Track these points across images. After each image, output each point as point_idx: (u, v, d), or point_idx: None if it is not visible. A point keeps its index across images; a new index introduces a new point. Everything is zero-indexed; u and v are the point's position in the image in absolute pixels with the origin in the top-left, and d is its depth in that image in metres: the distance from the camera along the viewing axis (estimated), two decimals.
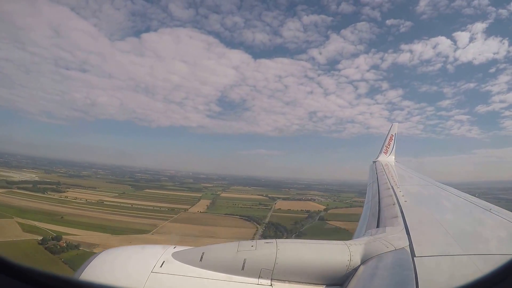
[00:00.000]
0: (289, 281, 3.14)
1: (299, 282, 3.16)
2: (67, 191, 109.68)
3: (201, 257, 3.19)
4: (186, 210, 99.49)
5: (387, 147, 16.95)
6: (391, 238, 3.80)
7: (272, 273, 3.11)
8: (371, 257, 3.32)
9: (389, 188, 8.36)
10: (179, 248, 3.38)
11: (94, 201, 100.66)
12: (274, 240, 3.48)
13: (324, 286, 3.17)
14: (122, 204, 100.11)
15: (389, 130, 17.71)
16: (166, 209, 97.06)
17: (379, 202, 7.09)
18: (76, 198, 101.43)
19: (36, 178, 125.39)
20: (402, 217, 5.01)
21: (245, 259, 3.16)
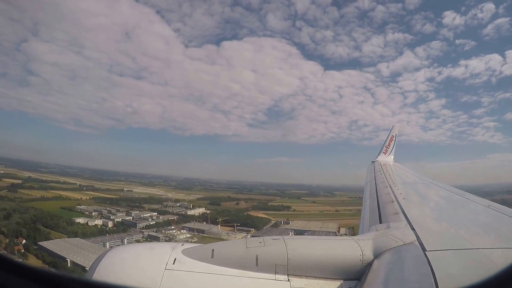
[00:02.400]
0: (306, 276, 3.15)
1: (316, 277, 3.16)
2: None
3: (212, 254, 3.19)
4: None
5: (387, 147, 17.07)
6: (398, 233, 3.83)
7: (288, 269, 3.12)
8: (383, 252, 3.34)
9: (387, 187, 8.46)
10: (187, 246, 3.38)
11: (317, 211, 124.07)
12: (281, 236, 3.50)
13: (341, 281, 3.19)
14: (338, 212, 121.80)
15: (390, 131, 17.84)
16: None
17: (377, 199, 7.17)
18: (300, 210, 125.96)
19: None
20: (403, 213, 5.07)
21: (257, 255, 3.17)
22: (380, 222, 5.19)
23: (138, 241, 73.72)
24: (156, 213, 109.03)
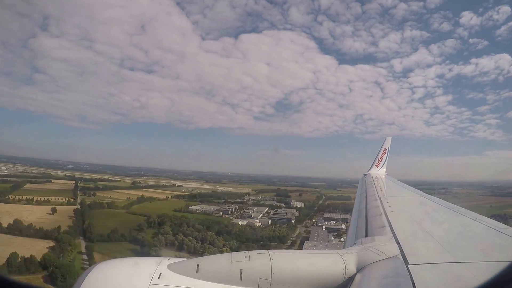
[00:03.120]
0: None
1: None
2: None
3: (197, 268, 3.20)
4: None
5: (379, 160, 17.18)
6: (382, 247, 3.88)
7: (271, 283, 3.14)
8: (366, 265, 3.38)
9: (377, 200, 8.53)
10: (173, 260, 3.38)
11: None
12: (266, 251, 3.52)
13: None
14: None
15: (383, 144, 17.94)
16: None
17: (366, 212, 7.21)
18: None
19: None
20: (390, 226, 5.13)
21: (241, 270, 3.19)
22: (367, 235, 5.24)
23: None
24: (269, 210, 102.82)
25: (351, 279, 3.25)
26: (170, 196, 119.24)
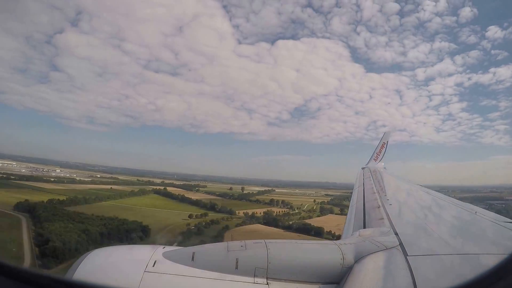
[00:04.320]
0: (285, 280, 3.13)
1: (295, 281, 3.15)
2: None
3: (193, 257, 3.16)
4: None
5: (378, 154, 17.18)
6: (380, 238, 3.86)
7: (267, 272, 3.10)
8: (364, 256, 3.35)
9: (375, 193, 8.53)
10: (168, 248, 3.35)
11: None
12: (263, 240, 3.48)
13: (319, 285, 3.18)
14: None
15: (382, 138, 17.91)
16: None
17: (364, 204, 7.20)
18: None
19: None
20: (388, 218, 5.11)
21: (237, 259, 3.15)
22: (365, 227, 5.22)
23: None
24: None
25: (349, 269, 3.21)
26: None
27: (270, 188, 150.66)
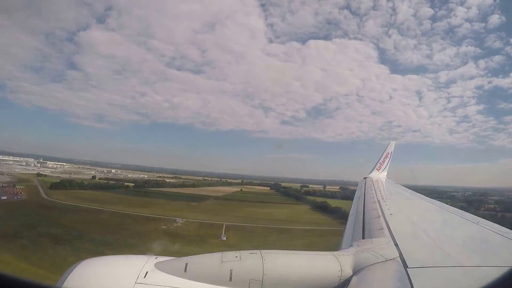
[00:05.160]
0: None
1: None
2: None
3: (185, 268, 3.09)
4: None
5: (381, 164, 16.98)
6: (380, 249, 3.75)
7: (262, 284, 3.01)
8: (363, 268, 3.26)
9: (375, 202, 8.36)
10: (161, 259, 3.29)
11: None
12: (259, 250, 3.40)
13: None
14: None
15: (386, 148, 17.74)
16: None
17: (363, 214, 7.06)
18: None
19: None
20: (388, 229, 4.99)
21: (231, 270, 3.07)
22: (364, 238, 5.10)
23: None
24: None
25: (347, 281, 3.12)
26: None
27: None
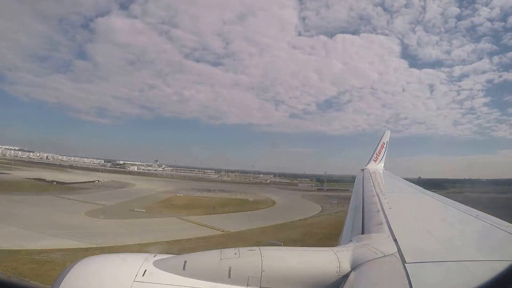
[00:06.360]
0: None
1: None
2: None
3: (184, 266, 3.08)
4: None
5: (377, 155, 16.99)
6: (379, 245, 3.74)
7: (261, 281, 3.01)
8: (361, 264, 3.25)
9: (374, 196, 8.34)
10: (160, 257, 3.27)
11: None
12: (257, 247, 3.40)
13: None
14: None
15: (381, 138, 17.67)
16: None
17: (363, 209, 7.05)
18: None
19: None
20: (387, 223, 4.98)
21: (230, 267, 3.07)
22: (363, 233, 5.10)
23: None
24: None
25: (345, 277, 3.12)
26: None
27: None
